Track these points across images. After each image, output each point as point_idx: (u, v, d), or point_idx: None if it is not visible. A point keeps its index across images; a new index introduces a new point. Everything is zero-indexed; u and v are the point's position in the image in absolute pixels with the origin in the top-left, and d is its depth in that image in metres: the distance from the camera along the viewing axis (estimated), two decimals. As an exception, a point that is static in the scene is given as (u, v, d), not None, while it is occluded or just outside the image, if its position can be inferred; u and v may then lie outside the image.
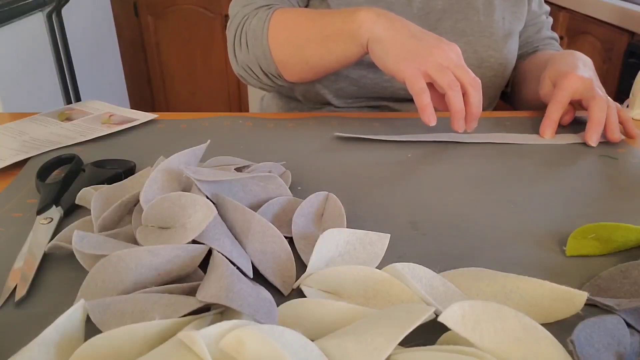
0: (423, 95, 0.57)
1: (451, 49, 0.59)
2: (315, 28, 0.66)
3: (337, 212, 0.44)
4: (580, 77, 0.63)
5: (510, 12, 0.80)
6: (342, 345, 0.28)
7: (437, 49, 0.58)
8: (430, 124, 0.57)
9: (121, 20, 2.23)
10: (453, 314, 0.28)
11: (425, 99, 0.57)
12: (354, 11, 0.63)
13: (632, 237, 0.41)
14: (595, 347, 0.28)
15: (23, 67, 1.47)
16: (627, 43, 1.37)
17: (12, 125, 0.65)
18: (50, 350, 0.27)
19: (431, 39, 0.60)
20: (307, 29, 0.67)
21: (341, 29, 0.63)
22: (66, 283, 0.37)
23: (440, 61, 0.57)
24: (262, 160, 0.53)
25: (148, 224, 0.39)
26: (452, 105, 0.57)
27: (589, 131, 0.61)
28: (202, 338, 0.26)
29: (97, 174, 0.51)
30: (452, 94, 0.57)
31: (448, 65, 0.58)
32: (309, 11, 0.70)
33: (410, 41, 0.59)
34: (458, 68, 0.58)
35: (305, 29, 0.67)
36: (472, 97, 0.58)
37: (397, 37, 0.60)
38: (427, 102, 0.57)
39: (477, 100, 0.58)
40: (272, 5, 0.72)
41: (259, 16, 0.70)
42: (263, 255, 0.38)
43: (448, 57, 0.58)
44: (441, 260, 0.40)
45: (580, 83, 0.63)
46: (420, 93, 0.57)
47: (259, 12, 0.71)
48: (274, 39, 0.68)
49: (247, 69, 0.73)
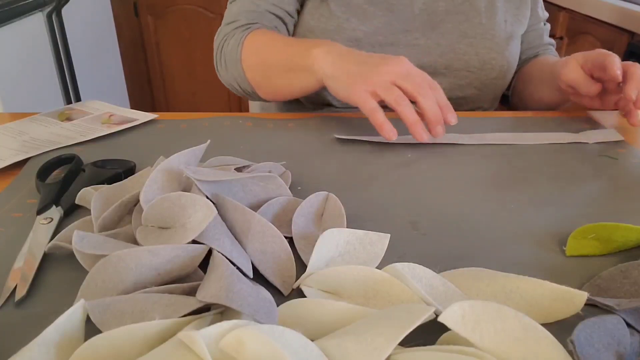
0: (376, 114, 0.57)
1: (397, 62, 0.58)
2: (279, 59, 0.69)
3: (337, 212, 0.44)
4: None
5: (513, 15, 0.80)
6: (342, 345, 0.28)
7: (380, 66, 0.58)
8: (391, 139, 0.57)
9: (121, 20, 2.23)
10: (453, 314, 0.28)
11: (379, 117, 0.57)
12: (310, 47, 0.64)
13: (632, 237, 0.41)
14: (595, 347, 0.28)
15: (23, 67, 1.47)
16: (627, 43, 1.37)
17: (12, 125, 0.65)
18: (50, 350, 0.27)
19: (376, 59, 0.60)
20: (272, 59, 0.70)
21: (299, 64, 0.65)
22: (66, 283, 0.37)
23: (385, 77, 0.57)
24: (262, 160, 0.53)
25: (148, 224, 0.39)
26: (406, 120, 0.57)
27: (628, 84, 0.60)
28: (202, 338, 0.26)
29: (97, 174, 0.51)
30: (400, 110, 0.56)
31: (393, 79, 0.57)
32: (275, 38, 0.72)
33: (356, 67, 0.60)
34: (402, 79, 0.57)
35: (271, 58, 0.70)
36: (422, 104, 0.57)
37: (344, 67, 0.61)
38: (381, 119, 0.57)
39: (428, 105, 0.57)
40: (250, 25, 0.75)
41: (235, 38, 0.73)
42: (263, 255, 0.38)
43: (392, 72, 0.58)
44: (441, 260, 0.40)
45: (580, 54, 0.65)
46: (372, 113, 0.57)
47: (236, 33, 0.74)
48: (246, 62, 0.72)
49: (230, 86, 0.78)
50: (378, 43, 0.75)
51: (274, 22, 0.77)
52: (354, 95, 0.58)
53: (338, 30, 0.74)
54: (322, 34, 0.75)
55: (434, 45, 0.77)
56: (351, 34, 0.74)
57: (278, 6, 0.76)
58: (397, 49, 0.76)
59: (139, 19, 2.29)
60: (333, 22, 0.75)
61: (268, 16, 0.76)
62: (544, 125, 0.69)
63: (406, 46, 0.76)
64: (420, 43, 0.76)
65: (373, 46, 0.75)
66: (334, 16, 0.74)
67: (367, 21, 0.75)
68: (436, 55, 0.77)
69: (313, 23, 0.76)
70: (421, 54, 0.76)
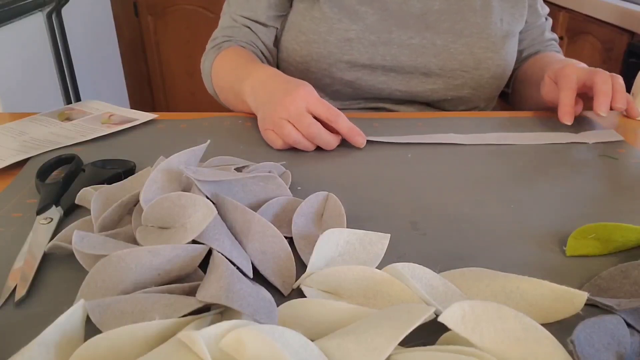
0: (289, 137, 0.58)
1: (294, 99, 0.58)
2: (227, 83, 0.73)
3: (337, 212, 0.44)
4: (578, 67, 0.66)
5: (509, 14, 0.79)
6: (342, 345, 0.28)
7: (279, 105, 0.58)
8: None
9: (121, 20, 2.23)
10: (453, 314, 0.28)
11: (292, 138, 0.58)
12: (244, 78, 0.67)
13: (632, 237, 0.41)
14: (595, 347, 0.28)
15: (23, 67, 1.47)
16: (627, 43, 1.37)
17: (12, 125, 0.65)
18: (50, 350, 0.27)
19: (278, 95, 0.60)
20: (225, 82, 0.74)
21: (238, 91, 0.68)
22: (66, 283, 0.37)
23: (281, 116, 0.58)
24: (262, 160, 0.53)
25: (148, 224, 0.39)
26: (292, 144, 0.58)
27: (596, 101, 0.61)
28: (202, 338, 0.26)
29: (97, 174, 0.51)
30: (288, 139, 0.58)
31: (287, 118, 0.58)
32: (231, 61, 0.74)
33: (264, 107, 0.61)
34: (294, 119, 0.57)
35: (224, 82, 0.74)
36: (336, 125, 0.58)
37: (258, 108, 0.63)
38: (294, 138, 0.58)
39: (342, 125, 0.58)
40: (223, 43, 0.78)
41: (209, 58, 0.78)
42: (263, 255, 0.38)
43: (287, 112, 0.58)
44: (441, 260, 0.40)
45: (580, 69, 0.65)
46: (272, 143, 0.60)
47: (210, 53, 0.78)
48: (214, 82, 0.77)
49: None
50: (371, 43, 0.75)
51: (249, 36, 0.79)
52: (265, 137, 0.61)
53: (330, 31, 0.74)
54: (313, 35, 0.75)
55: (429, 44, 0.76)
56: (343, 34, 0.74)
57: (251, 19, 0.79)
58: (391, 48, 0.75)
59: (139, 19, 2.29)
60: (325, 24, 0.74)
61: (244, 30, 0.79)
62: (544, 125, 0.69)
63: (400, 46, 0.76)
64: (415, 42, 0.76)
65: (365, 46, 0.75)
66: (326, 17, 0.74)
67: (359, 21, 0.74)
68: (430, 55, 0.76)
69: (305, 25, 0.76)
70: (415, 54, 0.76)
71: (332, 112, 0.58)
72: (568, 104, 0.64)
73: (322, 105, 0.58)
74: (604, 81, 0.62)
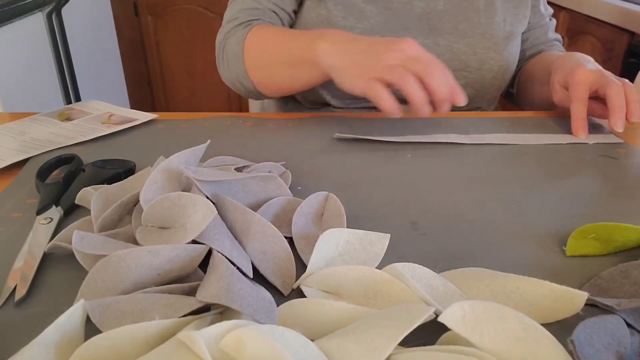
0: (383, 101, 0.56)
1: (403, 47, 0.58)
2: (282, 53, 0.68)
3: (337, 212, 0.44)
4: (589, 70, 0.64)
5: (512, 14, 0.79)
6: (342, 345, 0.28)
7: (385, 53, 0.57)
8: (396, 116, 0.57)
9: (121, 20, 2.23)
10: (453, 314, 0.28)
11: (387, 104, 0.56)
12: (313, 39, 0.63)
13: (632, 237, 0.41)
14: (595, 347, 0.28)
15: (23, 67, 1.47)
16: (627, 43, 1.37)
17: (12, 125, 0.65)
18: (50, 350, 0.27)
19: (380, 46, 0.59)
20: (274, 54, 0.69)
21: (303, 58, 0.65)
22: (66, 283, 0.37)
23: (390, 62, 0.57)
24: (262, 160, 0.53)
25: (148, 224, 0.39)
26: (410, 96, 0.56)
27: (612, 117, 0.61)
28: (202, 338, 0.26)
29: (97, 174, 0.51)
30: (405, 88, 0.56)
31: (400, 63, 0.56)
32: (277, 33, 0.71)
33: (359, 57, 0.59)
34: (408, 61, 0.56)
35: (273, 54, 0.69)
36: (430, 85, 0.56)
37: (347, 59, 0.60)
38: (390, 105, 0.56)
39: (436, 85, 0.56)
40: (251, 22, 0.74)
41: (237, 36, 0.72)
42: (263, 255, 0.38)
43: (396, 57, 0.57)
44: (441, 260, 0.40)
45: (591, 75, 0.64)
46: (380, 99, 0.57)
47: (237, 30, 0.73)
48: (249, 60, 0.71)
49: (232, 85, 0.76)
50: None
51: (274, 20, 0.77)
52: (360, 85, 0.58)
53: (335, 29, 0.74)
54: None
55: (432, 44, 0.76)
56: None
57: (279, 6, 0.77)
58: None
59: (139, 19, 2.29)
60: (330, 21, 0.74)
61: (269, 14, 0.76)
62: (544, 125, 0.69)
63: None
64: (418, 42, 0.76)
65: None
66: (331, 15, 0.74)
67: (364, 20, 0.75)
68: (434, 55, 0.76)
69: (311, 22, 0.76)
70: None
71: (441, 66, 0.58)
72: (581, 117, 0.64)
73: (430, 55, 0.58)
74: (618, 93, 0.61)
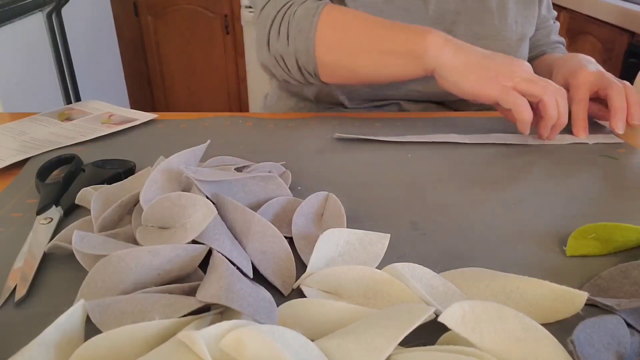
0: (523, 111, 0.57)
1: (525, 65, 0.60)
2: (373, 38, 0.63)
3: (337, 212, 0.44)
4: (590, 72, 0.65)
5: (523, 16, 0.79)
6: (342, 345, 0.28)
7: (515, 65, 0.59)
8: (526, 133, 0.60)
9: (121, 20, 2.23)
10: (453, 314, 0.28)
11: (527, 115, 0.58)
12: (421, 32, 0.61)
13: (632, 237, 0.41)
14: (595, 347, 0.28)
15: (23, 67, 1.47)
16: (627, 43, 1.37)
17: (12, 125, 0.65)
18: (50, 350, 0.27)
19: (504, 57, 0.60)
20: (363, 37, 0.64)
21: (404, 47, 0.62)
22: (66, 283, 0.37)
23: (524, 75, 0.58)
24: (262, 160, 0.53)
25: (148, 224, 0.39)
26: (547, 111, 0.58)
27: (613, 119, 0.62)
28: (202, 338, 0.26)
29: (97, 174, 0.51)
30: (547, 99, 0.57)
31: (532, 78, 0.58)
32: (365, 17, 0.65)
33: (486, 62, 0.59)
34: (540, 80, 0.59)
35: (360, 36, 0.64)
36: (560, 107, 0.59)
37: (471, 61, 0.60)
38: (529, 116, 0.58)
39: (564, 109, 0.59)
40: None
41: (306, 6, 0.65)
42: (263, 255, 0.38)
43: (528, 72, 0.59)
44: (441, 260, 0.40)
45: (592, 76, 0.64)
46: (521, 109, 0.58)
47: (307, 3, 0.66)
48: (322, 38, 0.64)
49: (280, 60, 0.68)
50: None
51: None
52: (494, 90, 0.58)
53: None
54: None
55: None
56: None
57: None
58: None
59: (139, 19, 2.29)
60: None
61: None
62: (544, 125, 0.69)
63: None
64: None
65: None
66: None
67: None
68: None
69: None
70: None
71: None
72: (582, 118, 0.64)
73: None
74: (619, 94, 0.62)
